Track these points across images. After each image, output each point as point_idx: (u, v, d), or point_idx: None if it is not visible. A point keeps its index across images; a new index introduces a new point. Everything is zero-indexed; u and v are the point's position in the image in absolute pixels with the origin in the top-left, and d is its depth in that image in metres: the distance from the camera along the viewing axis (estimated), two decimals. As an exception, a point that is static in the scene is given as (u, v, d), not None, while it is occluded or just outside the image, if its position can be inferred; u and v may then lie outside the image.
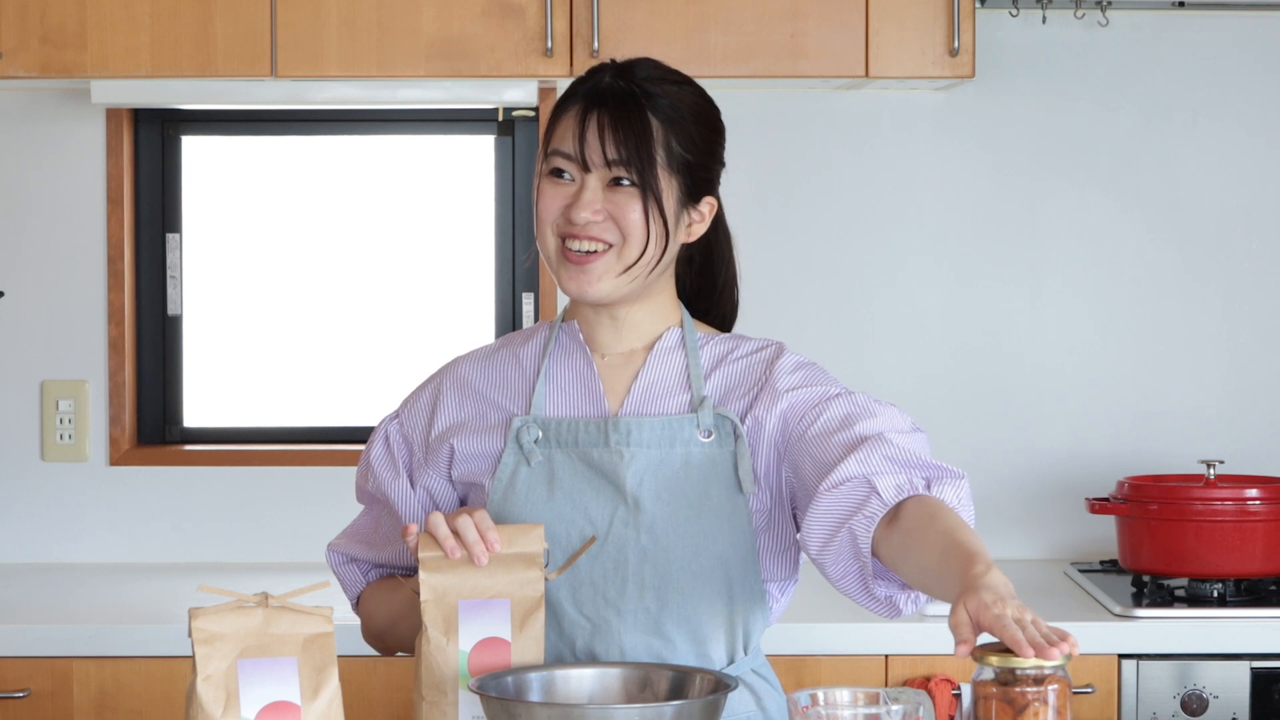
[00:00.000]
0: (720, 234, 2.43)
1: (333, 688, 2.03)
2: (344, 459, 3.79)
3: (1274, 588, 3.42)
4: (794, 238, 3.82)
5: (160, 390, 3.89)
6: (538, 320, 3.83)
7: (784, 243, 3.82)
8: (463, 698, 2.15)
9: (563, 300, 3.71)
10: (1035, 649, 1.82)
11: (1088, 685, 3.21)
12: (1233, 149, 3.82)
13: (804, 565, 2.41)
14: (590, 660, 2.28)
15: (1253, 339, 3.84)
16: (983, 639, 1.89)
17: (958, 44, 3.45)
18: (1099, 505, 3.49)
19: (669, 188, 2.29)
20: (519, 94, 3.54)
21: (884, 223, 3.82)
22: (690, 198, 2.32)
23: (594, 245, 2.28)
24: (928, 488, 2.16)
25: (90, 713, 3.21)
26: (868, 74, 3.47)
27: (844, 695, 1.98)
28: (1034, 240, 3.83)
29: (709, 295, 2.45)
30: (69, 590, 3.57)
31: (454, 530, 2.17)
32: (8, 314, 3.82)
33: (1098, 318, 3.84)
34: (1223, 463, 3.53)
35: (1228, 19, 3.80)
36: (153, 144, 3.88)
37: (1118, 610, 3.28)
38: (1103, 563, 3.69)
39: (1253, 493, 3.40)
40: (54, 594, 3.54)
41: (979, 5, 3.62)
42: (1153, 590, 3.42)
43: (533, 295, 3.86)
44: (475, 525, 2.17)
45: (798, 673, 3.17)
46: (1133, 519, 3.45)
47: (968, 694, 3.19)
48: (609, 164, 2.27)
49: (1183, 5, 3.74)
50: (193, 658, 2.01)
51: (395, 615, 2.39)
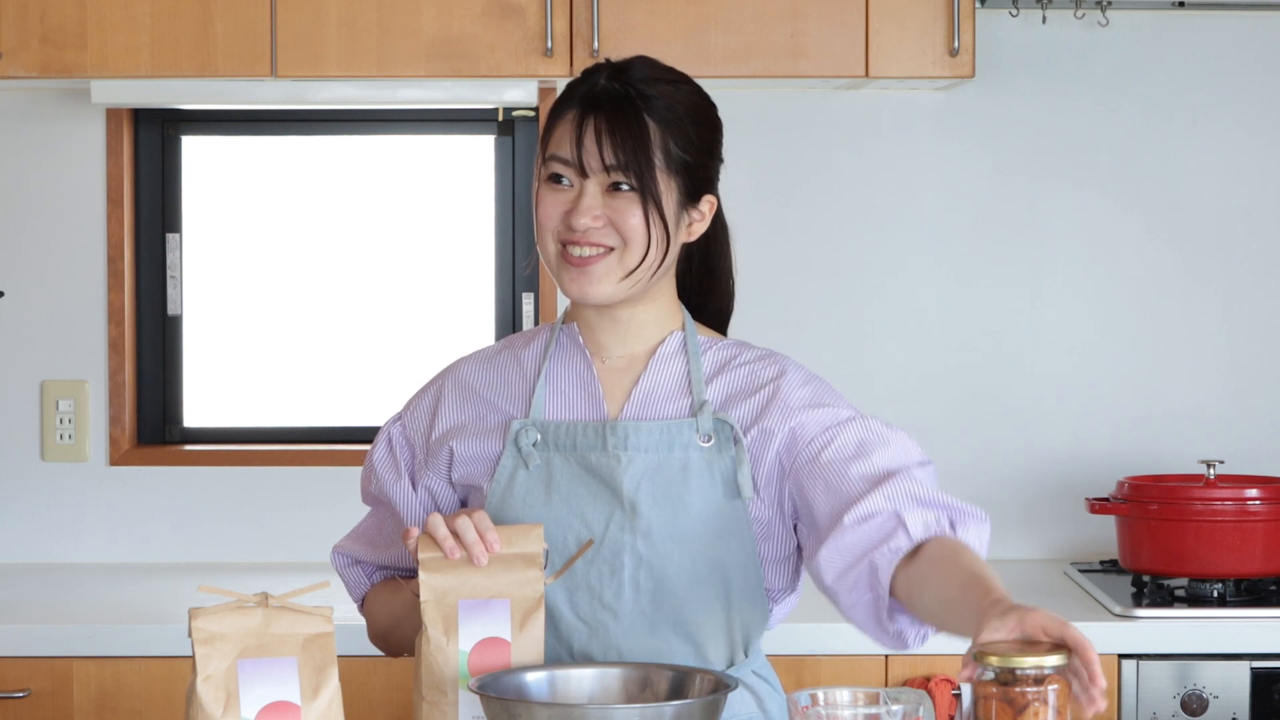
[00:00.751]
0: (719, 230, 2.43)
1: (333, 688, 2.03)
2: (344, 459, 3.79)
3: (1274, 588, 3.42)
4: (794, 238, 3.82)
5: (160, 390, 3.89)
6: (538, 321, 3.83)
7: (784, 242, 3.82)
8: (463, 698, 2.15)
9: (563, 301, 3.71)
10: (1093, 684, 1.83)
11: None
12: (1233, 149, 3.82)
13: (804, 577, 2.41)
14: (590, 661, 2.28)
15: (1253, 339, 3.84)
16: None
17: (958, 44, 3.45)
18: (1099, 505, 3.49)
19: (668, 190, 2.28)
20: (519, 94, 3.54)
21: (884, 223, 3.82)
22: (690, 198, 2.31)
23: (594, 250, 2.28)
24: (952, 528, 2.16)
25: (90, 713, 3.21)
26: (868, 74, 3.47)
27: (844, 695, 1.98)
28: (1034, 240, 3.83)
29: (707, 291, 2.45)
30: (69, 590, 3.57)
31: (453, 531, 2.17)
32: (8, 314, 3.82)
33: (1098, 318, 3.84)
34: (1223, 463, 3.53)
35: (1228, 19, 3.80)
36: (153, 144, 3.88)
37: (1118, 610, 3.28)
38: (1103, 563, 3.69)
39: (1253, 493, 3.40)
40: (54, 594, 3.54)
41: (979, 5, 3.62)
42: (1153, 590, 3.42)
43: (533, 296, 3.86)
44: (474, 526, 2.17)
45: (798, 673, 3.16)
46: (1133, 519, 3.45)
47: (968, 694, 3.19)
48: (607, 169, 2.26)
49: (1183, 5, 3.74)
50: (193, 658, 2.00)
51: (396, 617, 2.39)
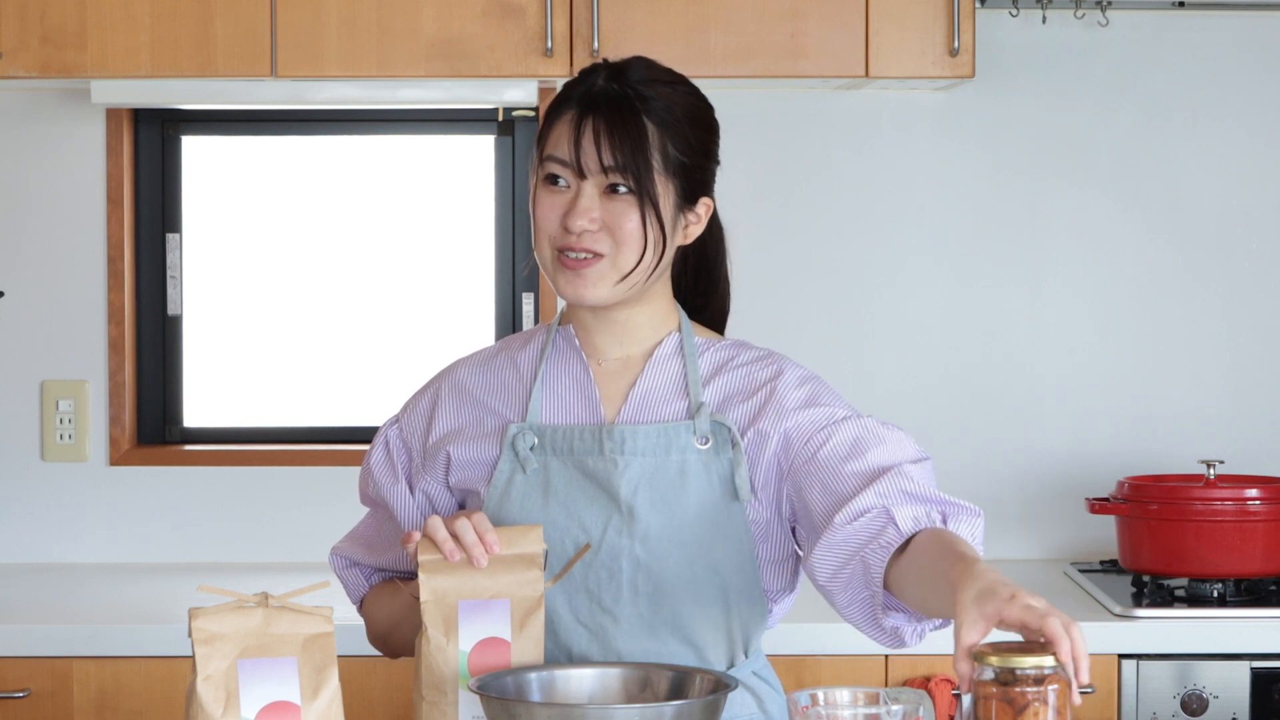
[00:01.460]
0: (715, 232, 2.42)
1: (333, 688, 2.03)
2: (344, 459, 3.79)
3: (1274, 588, 3.42)
4: (794, 238, 3.82)
5: (160, 390, 3.89)
6: (538, 321, 3.83)
7: (784, 243, 3.82)
8: (463, 698, 2.15)
9: (562, 302, 3.70)
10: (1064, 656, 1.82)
11: (1088, 685, 3.20)
12: (1233, 149, 3.82)
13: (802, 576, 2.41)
14: (590, 661, 2.28)
15: (1253, 339, 3.84)
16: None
17: (958, 44, 3.45)
18: (1099, 505, 3.49)
19: (665, 192, 2.27)
20: (519, 94, 3.54)
21: (884, 223, 3.82)
22: (687, 200, 2.30)
23: (588, 254, 2.27)
24: (944, 522, 2.15)
25: (90, 713, 3.21)
26: (868, 74, 3.47)
27: (844, 695, 1.97)
28: (1034, 240, 3.83)
29: (705, 293, 2.44)
30: (69, 590, 3.57)
31: (452, 533, 2.17)
32: (8, 314, 3.82)
33: (1098, 318, 3.84)
34: (1223, 463, 3.53)
35: (1228, 19, 3.80)
36: (153, 144, 3.88)
37: (1118, 610, 3.28)
38: (1103, 563, 3.69)
39: (1253, 493, 3.40)
40: (54, 594, 3.54)
41: (979, 5, 3.62)
42: (1153, 590, 3.42)
43: (533, 296, 3.86)
44: (474, 527, 2.17)
45: (798, 673, 3.16)
46: (1133, 519, 3.45)
47: (968, 698, 3.19)
48: (605, 170, 2.25)
49: (1183, 5, 3.74)
50: (193, 658, 2.00)
51: (395, 619, 2.39)
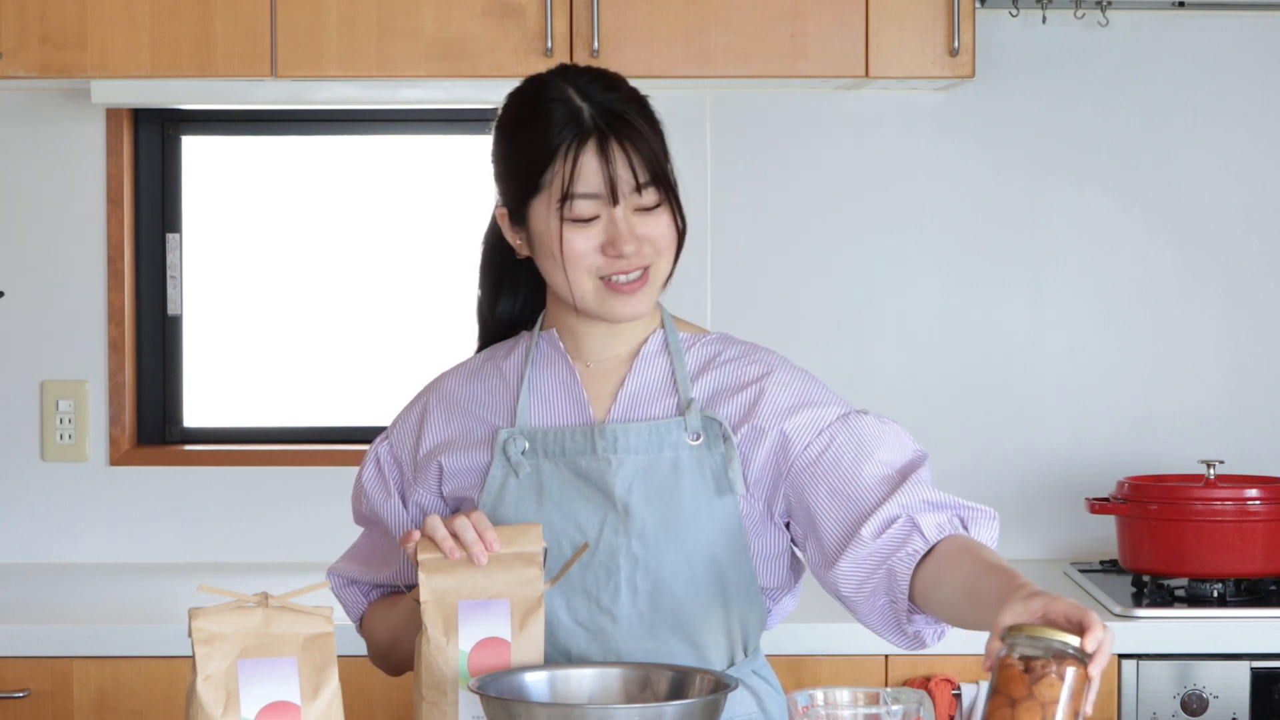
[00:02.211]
0: None
1: (333, 688, 2.03)
2: (344, 459, 3.79)
3: (1274, 588, 3.42)
4: (793, 238, 3.82)
5: (160, 390, 3.89)
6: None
7: (783, 243, 3.82)
8: (463, 698, 2.15)
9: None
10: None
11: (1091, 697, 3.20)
12: (1233, 149, 3.82)
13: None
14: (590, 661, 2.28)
15: (1253, 339, 3.84)
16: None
17: (958, 44, 3.45)
18: (1099, 505, 3.49)
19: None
20: (519, 94, 3.53)
21: (884, 223, 3.82)
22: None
23: (639, 273, 2.26)
24: (964, 527, 2.19)
25: (90, 713, 3.21)
26: (868, 74, 3.47)
27: (844, 695, 1.98)
28: (1034, 240, 3.83)
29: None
30: (69, 590, 3.57)
31: (452, 532, 2.17)
32: (8, 314, 3.82)
33: (1098, 318, 3.84)
34: (1223, 463, 3.53)
35: (1228, 19, 3.80)
36: (153, 144, 3.88)
37: (1118, 610, 3.28)
38: (1103, 563, 3.69)
39: (1253, 493, 3.40)
40: (54, 594, 3.54)
41: (979, 5, 3.62)
42: (1153, 590, 3.42)
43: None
44: (473, 526, 2.17)
45: (798, 673, 3.16)
46: (1133, 519, 3.45)
47: (967, 694, 3.19)
48: (640, 189, 2.24)
49: (1183, 5, 3.74)
50: (193, 658, 2.01)
51: (396, 630, 2.38)
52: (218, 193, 3.93)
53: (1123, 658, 3.22)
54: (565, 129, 2.23)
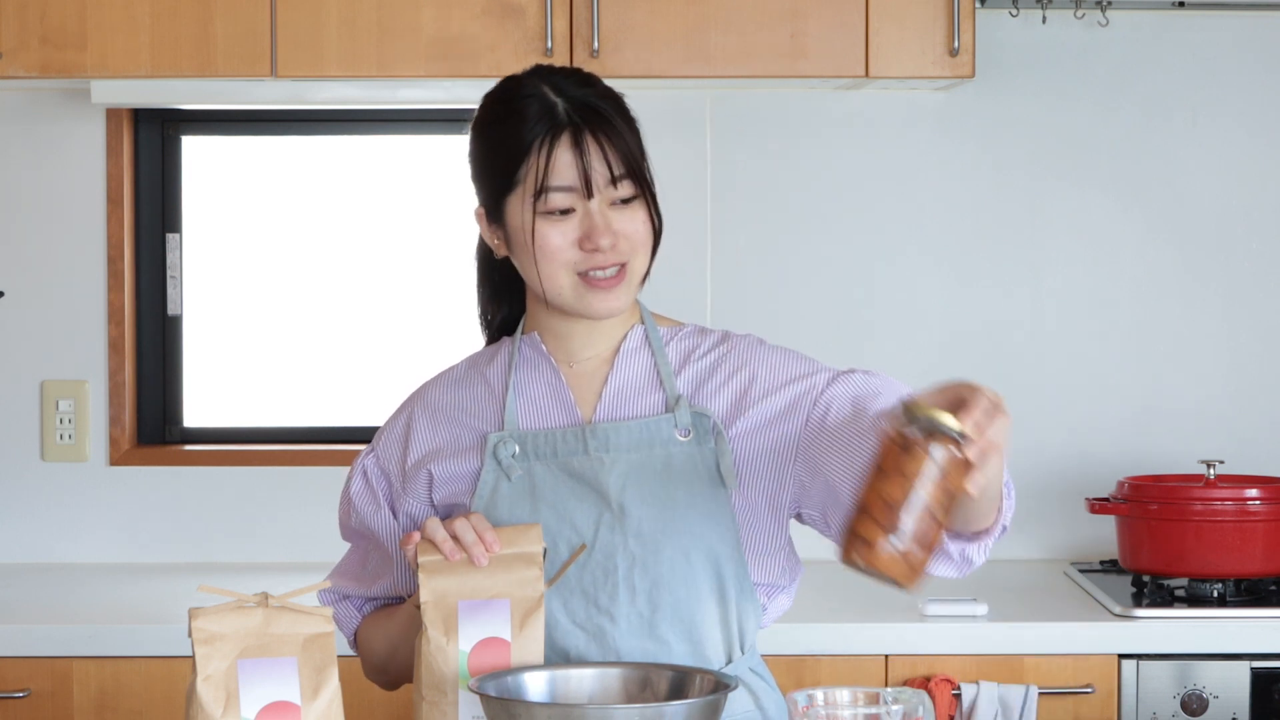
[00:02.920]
0: None
1: (333, 688, 2.03)
2: (344, 459, 3.78)
3: (1274, 588, 3.42)
4: (794, 238, 3.82)
5: (160, 390, 3.89)
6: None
7: (784, 243, 3.82)
8: (463, 698, 2.15)
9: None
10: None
11: (1088, 685, 3.21)
12: (1233, 149, 3.82)
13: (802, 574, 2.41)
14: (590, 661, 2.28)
15: (1253, 339, 3.84)
16: None
17: (958, 44, 3.45)
18: (1099, 505, 3.49)
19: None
20: (519, 94, 3.53)
21: (884, 223, 3.82)
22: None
23: (615, 268, 2.27)
24: None
25: (90, 713, 3.21)
26: (868, 74, 3.47)
27: (844, 695, 1.98)
28: (1034, 240, 3.83)
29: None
30: (69, 590, 3.57)
31: (452, 534, 2.17)
32: (8, 314, 3.82)
33: (1098, 318, 3.84)
34: (1223, 463, 3.53)
35: (1228, 19, 3.81)
36: (153, 144, 3.88)
37: (1118, 610, 3.28)
38: (1103, 563, 3.69)
39: (1253, 493, 3.40)
40: (54, 594, 3.54)
41: (979, 5, 3.62)
42: (1153, 590, 3.42)
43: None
44: (473, 527, 2.17)
45: (798, 673, 3.16)
46: (1133, 519, 3.45)
47: (967, 694, 3.19)
48: (615, 182, 2.24)
49: (1183, 5, 3.74)
50: (193, 658, 2.01)
51: (394, 640, 2.38)
52: (218, 193, 3.93)
53: (1123, 658, 3.22)
54: (539, 123, 2.24)
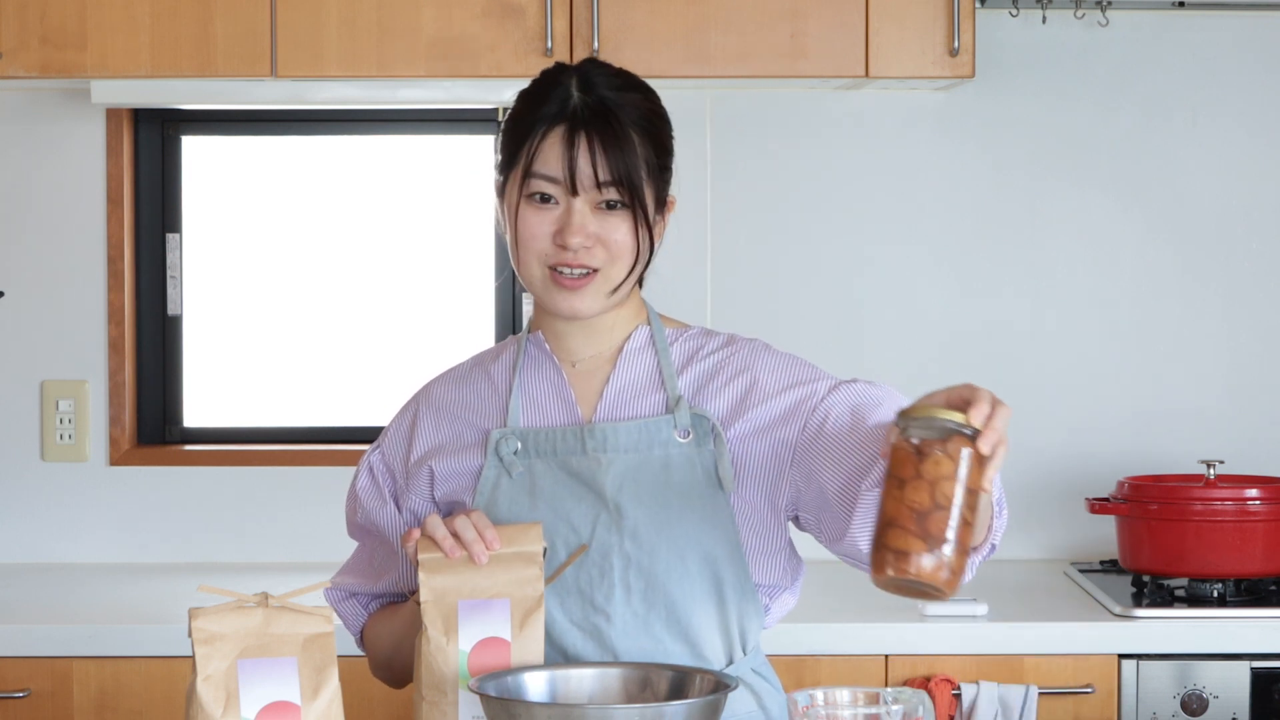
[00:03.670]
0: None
1: (333, 688, 2.03)
2: (344, 459, 3.79)
3: (1274, 588, 3.42)
4: (793, 238, 3.82)
5: (160, 390, 3.89)
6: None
7: (784, 243, 3.82)
8: (463, 698, 2.15)
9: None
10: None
11: (1088, 685, 3.21)
12: (1233, 149, 3.82)
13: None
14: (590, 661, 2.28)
15: (1253, 339, 3.84)
16: None
17: (958, 44, 3.45)
18: (1099, 505, 3.49)
19: (649, 199, 2.28)
20: (519, 94, 3.54)
21: (884, 223, 3.82)
22: (660, 201, 2.32)
23: (583, 270, 2.27)
24: None
25: (90, 713, 3.21)
26: (868, 74, 3.47)
27: (844, 695, 1.98)
28: (1034, 240, 3.83)
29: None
30: (69, 590, 3.57)
31: (452, 531, 2.17)
32: (8, 314, 3.82)
33: (1098, 318, 3.84)
34: (1223, 463, 3.53)
35: (1228, 19, 3.81)
36: (153, 144, 3.88)
37: (1118, 610, 3.28)
38: (1103, 563, 3.69)
39: (1253, 493, 3.40)
40: (54, 594, 3.54)
41: (979, 5, 3.62)
42: (1153, 590, 3.42)
43: (532, 296, 3.85)
44: (473, 525, 2.17)
45: (798, 673, 3.16)
46: (1133, 519, 3.45)
47: (967, 694, 3.19)
48: (600, 186, 2.24)
49: (1183, 5, 3.74)
50: (193, 658, 2.01)
51: (398, 636, 2.38)
52: (218, 193, 3.93)
53: (1123, 658, 3.22)
54: (549, 110, 2.26)
